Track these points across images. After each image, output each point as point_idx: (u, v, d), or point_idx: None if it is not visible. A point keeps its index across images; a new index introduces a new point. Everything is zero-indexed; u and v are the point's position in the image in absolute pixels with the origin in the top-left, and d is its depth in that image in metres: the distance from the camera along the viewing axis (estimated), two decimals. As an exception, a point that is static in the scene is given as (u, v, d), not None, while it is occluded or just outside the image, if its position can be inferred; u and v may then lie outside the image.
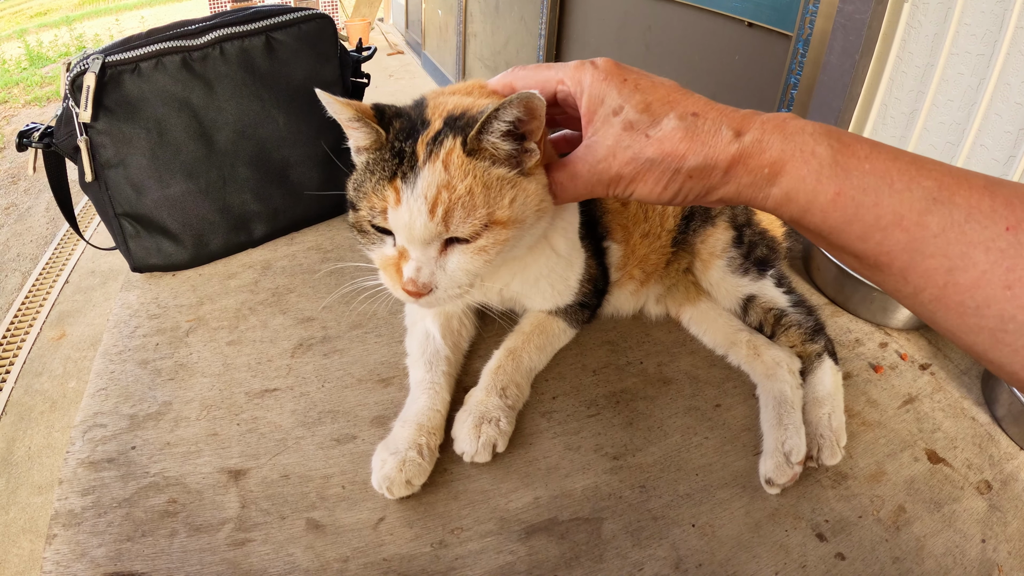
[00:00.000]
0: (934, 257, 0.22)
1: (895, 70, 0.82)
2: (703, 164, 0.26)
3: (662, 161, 0.27)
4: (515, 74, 0.33)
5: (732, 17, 1.05)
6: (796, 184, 0.25)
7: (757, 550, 0.34)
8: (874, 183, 0.23)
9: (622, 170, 0.28)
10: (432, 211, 0.31)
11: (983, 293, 0.21)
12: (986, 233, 0.21)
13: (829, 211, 0.25)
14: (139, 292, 0.53)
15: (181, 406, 0.41)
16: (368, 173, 0.33)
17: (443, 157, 0.31)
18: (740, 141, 0.26)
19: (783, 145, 0.25)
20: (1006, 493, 0.38)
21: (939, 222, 0.22)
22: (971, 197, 0.22)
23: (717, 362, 0.47)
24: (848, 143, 0.25)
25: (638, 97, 0.27)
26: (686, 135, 0.26)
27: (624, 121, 0.27)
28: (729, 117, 0.26)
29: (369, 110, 0.34)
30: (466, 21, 2.76)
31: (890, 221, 0.23)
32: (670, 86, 0.28)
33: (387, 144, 0.33)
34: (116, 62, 0.48)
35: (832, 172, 0.24)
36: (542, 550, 0.33)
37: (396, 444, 0.36)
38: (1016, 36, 0.67)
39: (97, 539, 0.33)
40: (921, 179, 0.23)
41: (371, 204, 0.33)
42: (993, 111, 0.70)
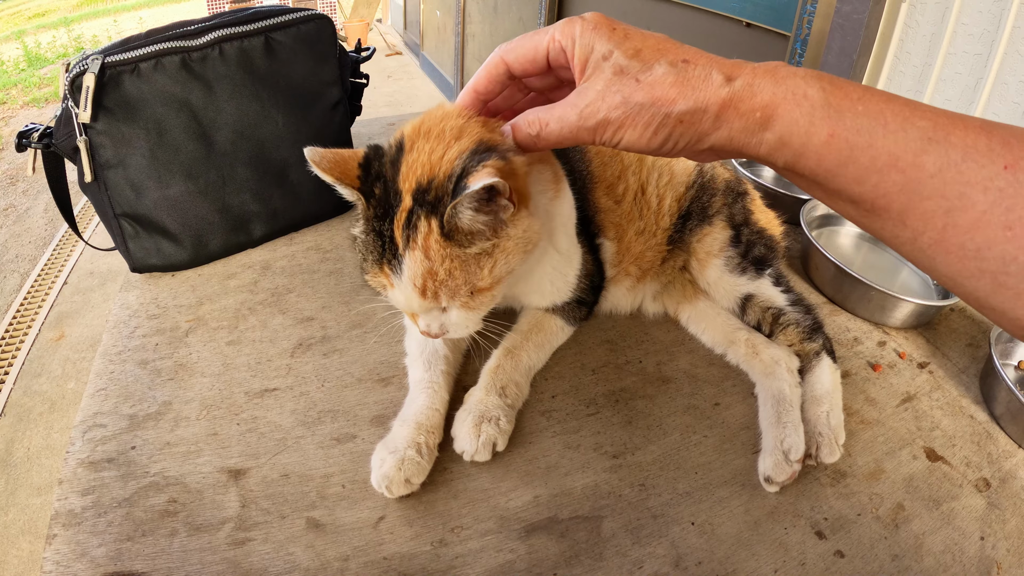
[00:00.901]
0: (932, 198, 0.22)
1: (893, 70, 0.82)
2: (693, 108, 0.26)
3: (652, 105, 0.26)
4: (503, 51, 0.31)
5: (730, 17, 1.05)
6: (789, 127, 0.25)
7: (756, 548, 0.34)
8: (868, 124, 0.23)
9: (610, 114, 0.27)
10: (423, 294, 0.32)
11: (983, 234, 0.21)
12: (984, 172, 0.21)
13: (823, 154, 0.24)
14: (138, 292, 0.53)
15: (181, 406, 0.41)
16: (364, 250, 0.34)
17: (421, 243, 0.31)
18: (731, 85, 0.26)
19: (774, 88, 0.25)
20: (1004, 491, 0.38)
21: (935, 162, 0.22)
22: (967, 136, 0.22)
23: (716, 361, 0.47)
24: (840, 85, 0.24)
25: (628, 44, 0.27)
26: (677, 80, 0.26)
27: (614, 66, 0.27)
28: (719, 63, 0.26)
29: (352, 173, 0.33)
30: (464, 22, 2.76)
31: (885, 162, 0.23)
32: (660, 36, 0.28)
33: (369, 222, 0.33)
34: (115, 63, 0.48)
35: (825, 113, 0.24)
36: (542, 548, 0.33)
37: (395, 443, 0.36)
38: (1013, 36, 0.67)
39: (97, 539, 0.33)
40: (916, 119, 0.22)
41: (374, 280, 0.34)
42: (990, 111, 0.70)
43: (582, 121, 0.28)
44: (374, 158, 0.33)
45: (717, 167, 0.51)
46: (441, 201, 0.31)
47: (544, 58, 0.30)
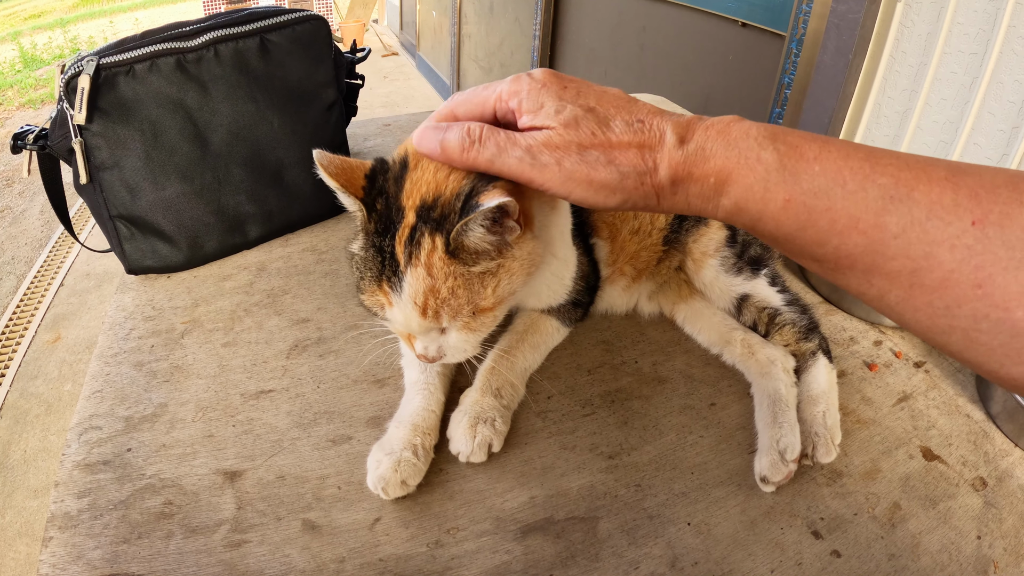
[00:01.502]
0: (896, 259, 0.21)
1: (888, 69, 0.82)
2: (650, 170, 0.25)
3: (608, 164, 0.25)
4: (454, 103, 0.30)
5: (726, 17, 1.05)
6: (744, 193, 0.24)
7: (753, 548, 0.34)
8: (826, 185, 0.22)
9: (563, 163, 0.26)
10: (423, 313, 0.32)
11: (952, 293, 0.20)
12: (950, 230, 0.20)
13: (781, 219, 0.23)
14: (134, 294, 0.53)
15: (177, 408, 0.41)
16: (362, 267, 0.33)
17: (424, 260, 0.30)
18: (684, 149, 0.25)
19: (727, 152, 0.24)
20: (1001, 490, 0.38)
21: (898, 222, 0.21)
22: (932, 191, 0.20)
23: (712, 361, 0.47)
24: (795, 144, 0.23)
25: (581, 100, 0.26)
26: (633, 140, 0.25)
27: (567, 119, 0.26)
28: (674, 123, 0.25)
29: (357, 183, 0.32)
30: (460, 22, 2.76)
31: (846, 224, 0.22)
32: (613, 93, 0.27)
33: (369, 235, 0.32)
34: (111, 64, 0.48)
35: (780, 178, 0.23)
36: (538, 549, 0.33)
37: (391, 445, 0.36)
38: (1008, 35, 0.67)
39: (93, 541, 0.33)
40: (876, 176, 0.21)
41: (371, 299, 0.33)
42: (986, 109, 0.71)
43: (529, 155, 0.26)
44: (379, 172, 0.33)
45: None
46: (447, 219, 0.30)
47: (491, 115, 0.28)
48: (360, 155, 0.77)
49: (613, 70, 1.49)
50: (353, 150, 0.78)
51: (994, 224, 0.19)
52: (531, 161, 0.26)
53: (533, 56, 1.87)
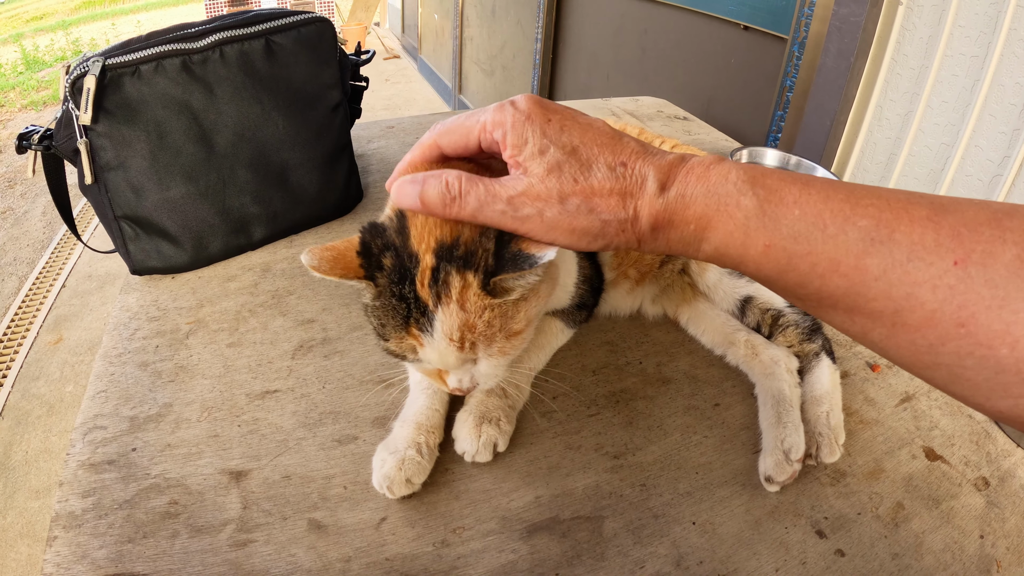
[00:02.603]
0: (878, 300, 0.21)
1: (890, 72, 0.83)
2: (631, 218, 0.25)
3: (589, 212, 0.25)
4: (437, 133, 0.29)
5: (728, 20, 1.06)
6: (725, 239, 0.24)
7: (757, 547, 0.34)
8: (805, 230, 0.22)
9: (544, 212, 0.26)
10: (460, 348, 0.31)
11: (935, 332, 0.20)
12: (932, 271, 0.20)
13: (762, 263, 0.23)
14: (138, 295, 0.53)
15: (182, 408, 0.41)
16: (383, 316, 0.32)
17: (456, 298, 0.30)
18: (665, 196, 0.24)
19: (707, 199, 0.24)
20: (1004, 490, 0.38)
21: (879, 264, 0.21)
22: (913, 232, 0.20)
23: (716, 362, 0.47)
24: (775, 188, 0.23)
25: (564, 138, 0.25)
26: (614, 187, 0.25)
27: (549, 163, 0.25)
28: (656, 166, 0.25)
29: (353, 265, 0.31)
30: (462, 25, 2.77)
31: (826, 268, 0.22)
32: (598, 128, 0.26)
33: (385, 290, 0.31)
34: (116, 65, 0.48)
35: (760, 224, 0.23)
36: (544, 548, 0.34)
37: (395, 443, 0.36)
38: (1010, 38, 0.67)
39: (98, 541, 0.33)
40: (856, 219, 0.21)
41: (399, 345, 0.33)
42: (987, 112, 0.71)
43: (511, 207, 0.26)
44: (373, 237, 0.32)
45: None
46: (474, 255, 0.30)
47: (476, 145, 0.28)
48: (364, 157, 0.78)
49: (615, 73, 1.49)
50: (357, 152, 0.78)
51: (976, 263, 0.19)
52: (513, 213, 0.26)
53: (535, 59, 1.87)
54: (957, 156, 0.74)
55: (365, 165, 0.75)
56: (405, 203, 0.29)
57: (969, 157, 0.73)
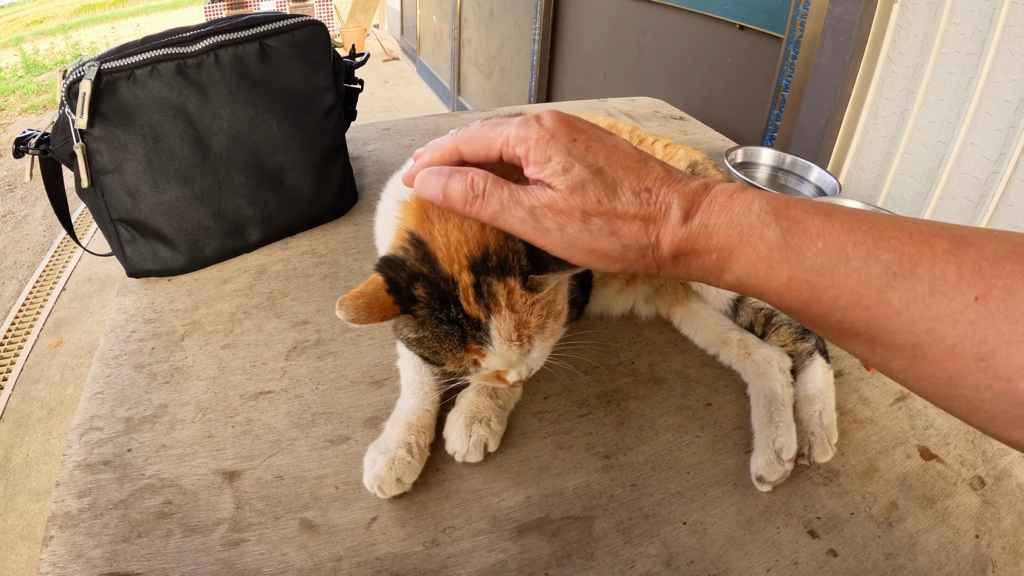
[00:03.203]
0: (899, 333, 0.21)
1: (885, 70, 0.83)
2: (652, 244, 0.25)
3: (611, 235, 0.25)
4: (459, 140, 0.29)
5: (724, 20, 1.06)
6: (747, 270, 0.24)
7: (748, 547, 0.34)
8: (828, 262, 0.22)
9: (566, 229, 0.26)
10: (521, 345, 0.32)
11: (955, 365, 0.20)
12: (953, 306, 0.20)
13: (784, 294, 0.23)
14: (135, 297, 0.53)
15: (176, 409, 0.42)
16: (435, 343, 0.32)
17: (506, 303, 0.30)
18: (688, 225, 0.24)
19: (729, 230, 0.24)
20: (999, 489, 0.38)
21: (901, 298, 0.21)
22: (935, 266, 0.20)
23: (708, 361, 0.47)
24: (798, 220, 0.23)
25: (590, 159, 0.25)
26: (638, 212, 0.25)
27: (573, 181, 0.25)
28: (681, 193, 0.25)
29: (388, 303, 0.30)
30: (460, 27, 2.78)
31: (849, 300, 0.22)
32: (624, 150, 0.26)
33: (428, 320, 0.31)
34: (112, 69, 0.49)
35: (783, 256, 0.23)
36: (534, 548, 0.34)
37: (386, 443, 0.36)
38: (1005, 34, 0.67)
39: (93, 540, 0.33)
40: (879, 252, 0.21)
41: (457, 364, 0.33)
42: (983, 109, 0.71)
43: (532, 218, 0.26)
44: (397, 270, 0.31)
45: (709, 169, 0.51)
46: (507, 261, 0.30)
47: (497, 156, 0.28)
48: (360, 159, 0.78)
49: (612, 74, 1.49)
50: (353, 154, 0.78)
51: (997, 299, 0.19)
52: (534, 224, 0.26)
53: (533, 60, 1.88)
54: (953, 154, 0.74)
55: (361, 167, 0.75)
56: (427, 193, 0.28)
57: (965, 154, 0.73)
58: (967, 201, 0.74)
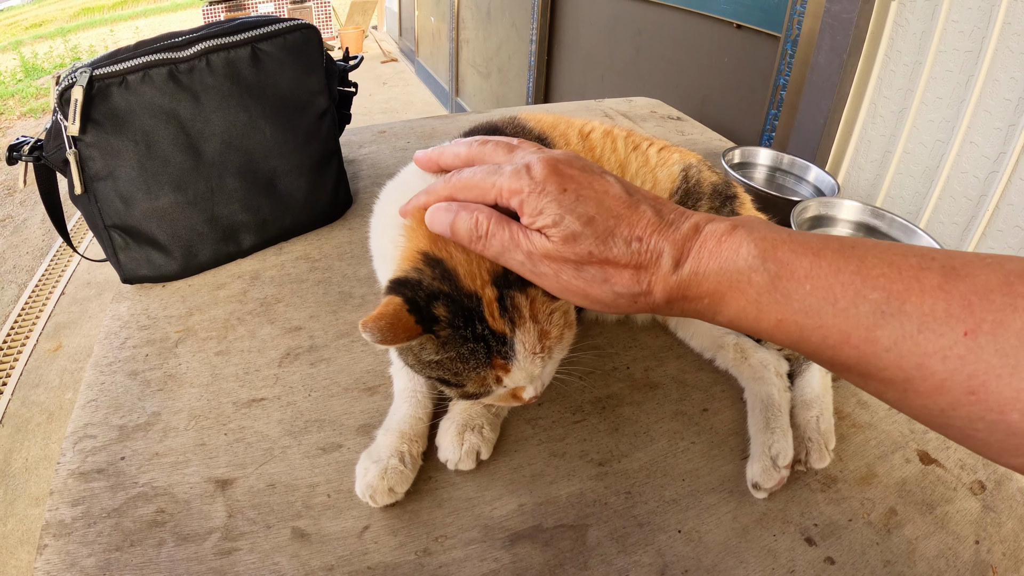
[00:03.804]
0: (888, 369, 0.21)
1: (883, 69, 0.82)
2: (644, 291, 0.26)
3: (604, 282, 0.26)
4: (453, 187, 0.30)
5: (721, 19, 1.05)
6: (737, 312, 0.25)
7: (744, 555, 0.34)
8: (816, 304, 0.22)
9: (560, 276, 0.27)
10: (544, 358, 0.32)
11: (946, 398, 0.20)
12: (942, 342, 0.20)
13: (775, 334, 0.24)
14: (129, 304, 0.53)
15: (170, 416, 0.41)
16: (459, 364, 0.31)
17: (529, 315, 0.31)
18: (679, 273, 0.25)
19: (719, 276, 0.24)
20: (1000, 493, 0.38)
21: (890, 335, 0.21)
22: (924, 303, 0.20)
23: (704, 366, 0.47)
24: (786, 262, 0.23)
25: (580, 208, 0.26)
26: (630, 261, 0.26)
27: (564, 233, 0.26)
28: (671, 240, 0.25)
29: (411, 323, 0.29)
30: (458, 28, 2.78)
31: (838, 339, 0.22)
32: (614, 195, 0.27)
33: (452, 339, 0.30)
34: (104, 75, 0.49)
35: (771, 299, 0.23)
36: (526, 557, 0.33)
37: (378, 452, 0.36)
38: (1004, 31, 0.67)
39: (87, 549, 0.33)
40: (867, 291, 0.21)
41: (481, 383, 0.32)
42: (982, 107, 0.70)
43: (530, 261, 0.27)
44: (414, 291, 0.31)
45: (704, 170, 0.51)
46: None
47: (492, 204, 0.29)
48: (355, 162, 0.78)
49: (609, 74, 1.49)
50: (348, 158, 0.78)
51: (987, 333, 0.19)
52: (531, 267, 0.27)
53: (530, 61, 1.87)
54: (952, 153, 0.73)
55: (356, 171, 0.75)
56: (436, 228, 0.30)
57: (964, 153, 0.73)
58: (967, 200, 0.73)
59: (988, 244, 0.72)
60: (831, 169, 0.90)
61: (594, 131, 0.49)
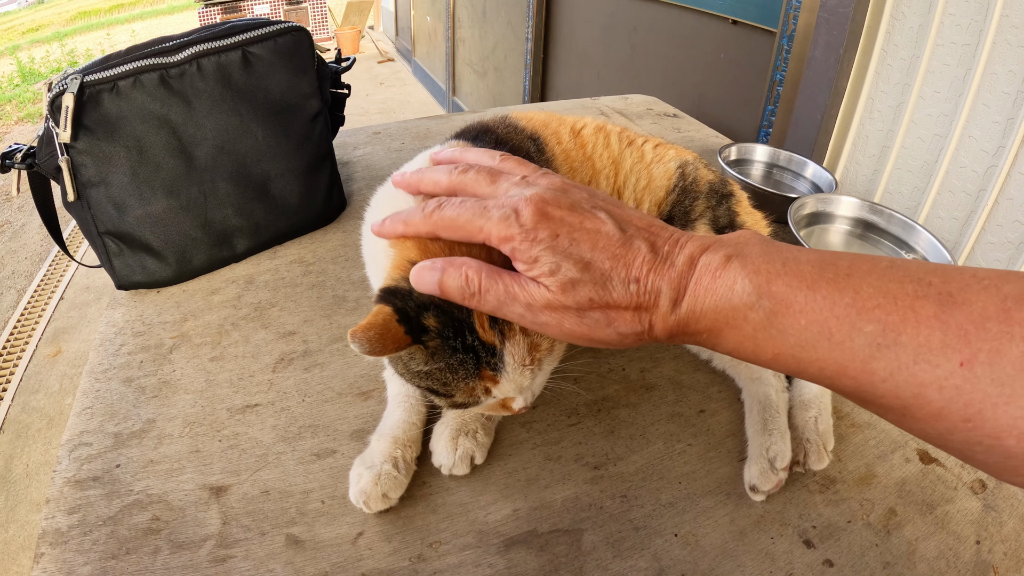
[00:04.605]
0: (885, 398, 0.22)
1: (880, 63, 0.82)
2: (645, 331, 0.26)
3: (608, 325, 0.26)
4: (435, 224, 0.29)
5: (717, 15, 1.05)
6: (736, 346, 0.25)
7: (742, 559, 0.33)
8: (811, 339, 0.23)
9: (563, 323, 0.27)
10: (534, 370, 0.32)
11: (943, 425, 0.21)
12: (938, 372, 0.20)
13: (773, 365, 0.25)
14: (124, 310, 0.53)
15: (164, 423, 0.41)
16: (448, 375, 0.31)
17: (519, 326, 0.30)
18: (677, 312, 0.25)
19: (716, 314, 0.25)
20: (1001, 492, 0.37)
21: (886, 367, 0.21)
22: (920, 334, 0.21)
23: (701, 367, 0.47)
24: (781, 297, 0.23)
25: (575, 253, 0.26)
26: (630, 303, 0.26)
27: (562, 281, 0.26)
28: (668, 280, 0.25)
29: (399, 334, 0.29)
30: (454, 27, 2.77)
31: (834, 372, 0.23)
32: (607, 235, 0.26)
33: (441, 350, 0.30)
34: (94, 81, 0.48)
35: (767, 335, 0.24)
36: (521, 563, 0.33)
37: (372, 458, 0.35)
38: (1001, 24, 0.66)
39: (83, 557, 0.33)
40: (862, 324, 0.22)
41: (469, 394, 0.32)
42: (981, 101, 0.70)
43: (530, 313, 0.27)
44: (404, 300, 0.30)
45: (700, 168, 0.50)
46: None
47: (480, 245, 0.29)
48: (350, 164, 0.77)
49: (606, 72, 1.48)
50: (343, 159, 0.78)
51: (983, 363, 0.19)
52: (532, 318, 0.27)
53: (526, 59, 1.87)
54: (951, 147, 0.73)
55: (350, 173, 0.75)
56: (423, 288, 0.29)
57: (963, 148, 0.72)
58: (965, 195, 0.73)
59: (987, 239, 0.71)
60: (829, 165, 0.89)
61: (586, 127, 0.48)
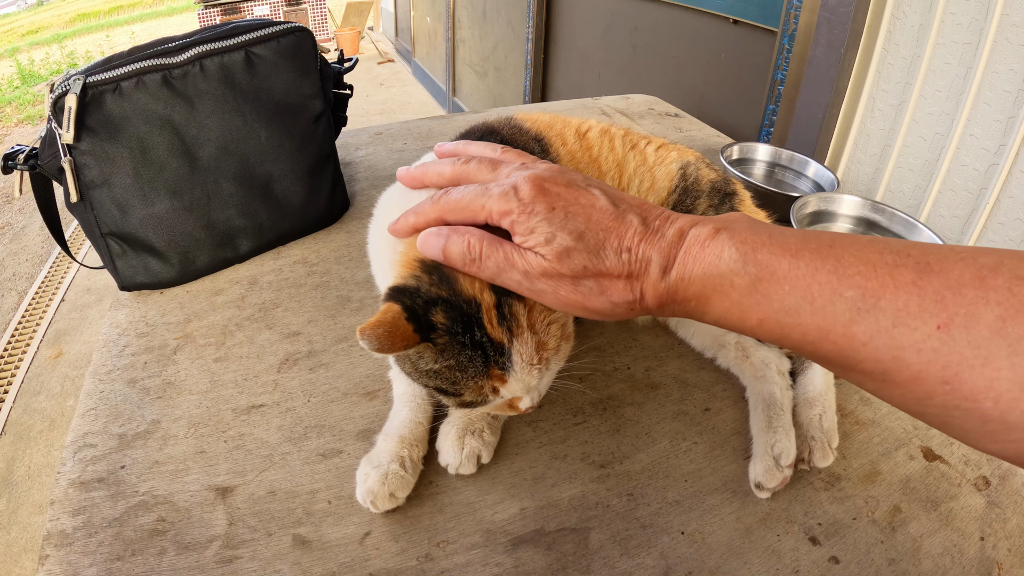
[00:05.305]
0: (866, 362, 0.23)
1: (881, 62, 0.82)
2: (637, 298, 0.27)
3: (601, 293, 0.28)
4: (442, 208, 0.30)
5: (717, 15, 1.05)
6: (722, 313, 0.26)
7: (748, 556, 0.33)
8: (795, 304, 0.24)
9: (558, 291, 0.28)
10: (541, 370, 0.32)
11: (922, 388, 0.21)
12: (916, 335, 0.21)
13: (758, 332, 0.26)
14: (127, 311, 0.53)
15: (169, 424, 0.41)
16: (457, 373, 0.31)
17: (526, 324, 0.30)
18: (666, 280, 0.27)
19: (703, 281, 0.26)
20: (1005, 489, 0.38)
21: (866, 331, 0.22)
22: (897, 299, 0.21)
23: (706, 365, 0.47)
24: (766, 264, 0.25)
25: (570, 225, 0.27)
26: (622, 271, 0.27)
27: (558, 249, 0.27)
28: (658, 249, 0.27)
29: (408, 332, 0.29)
30: (454, 27, 2.77)
31: (816, 336, 0.24)
32: (601, 208, 0.28)
33: (450, 347, 0.30)
34: (97, 82, 0.48)
35: (753, 301, 0.25)
36: (529, 561, 0.33)
37: (379, 457, 0.35)
38: (1002, 23, 0.66)
39: (88, 559, 0.33)
40: (843, 290, 0.23)
41: (478, 392, 0.32)
42: (982, 100, 0.70)
43: (527, 280, 0.28)
44: (412, 298, 0.30)
45: (702, 168, 0.50)
46: None
47: (482, 224, 0.30)
48: (352, 165, 0.77)
49: (606, 72, 1.48)
50: (345, 160, 0.78)
51: (959, 326, 0.20)
52: (529, 286, 0.28)
53: (527, 59, 1.87)
54: (952, 146, 0.73)
55: (353, 173, 0.75)
56: (429, 252, 0.30)
57: (964, 146, 0.72)
58: (967, 193, 0.73)
59: (989, 237, 0.71)
60: (830, 164, 0.90)
61: (591, 130, 0.49)
